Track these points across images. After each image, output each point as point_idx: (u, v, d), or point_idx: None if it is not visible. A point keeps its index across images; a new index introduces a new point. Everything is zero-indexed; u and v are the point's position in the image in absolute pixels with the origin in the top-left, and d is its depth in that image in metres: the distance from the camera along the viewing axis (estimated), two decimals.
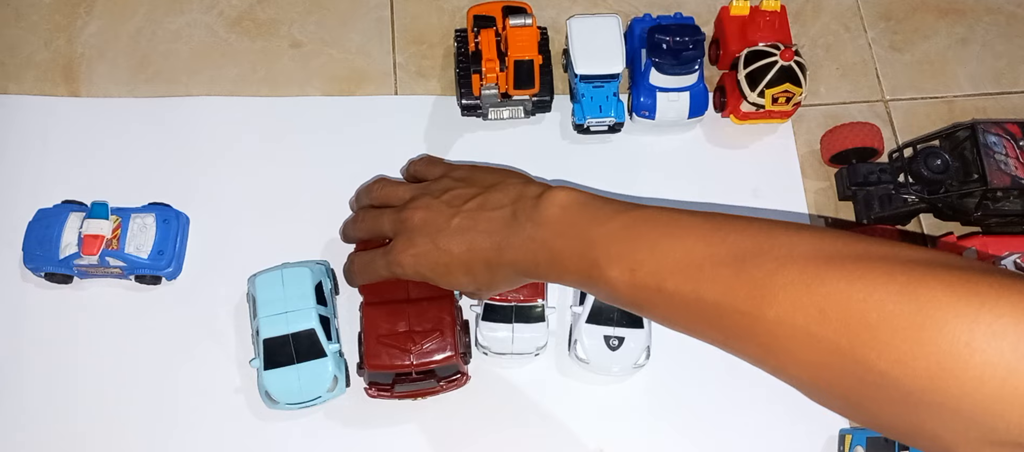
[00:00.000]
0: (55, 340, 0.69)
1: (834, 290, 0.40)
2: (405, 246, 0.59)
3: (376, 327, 0.63)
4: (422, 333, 0.63)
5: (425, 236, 0.59)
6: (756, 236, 0.46)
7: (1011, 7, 0.87)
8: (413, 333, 0.63)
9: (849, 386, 0.41)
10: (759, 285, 0.43)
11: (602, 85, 0.76)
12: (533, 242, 0.54)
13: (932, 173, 0.71)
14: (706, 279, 0.46)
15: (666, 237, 0.49)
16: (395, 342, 0.62)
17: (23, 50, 0.80)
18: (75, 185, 0.73)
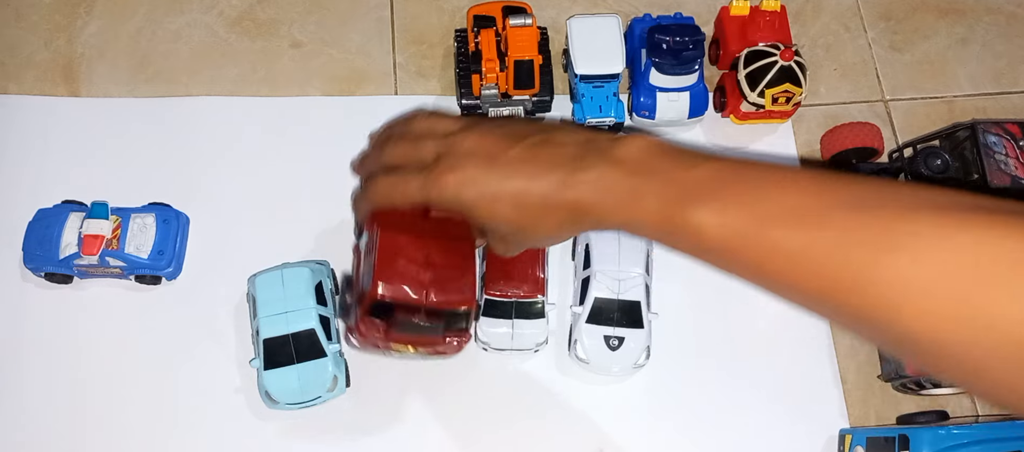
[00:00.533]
0: (55, 340, 0.69)
1: (967, 240, 0.37)
2: (449, 168, 0.52)
3: (393, 250, 0.54)
4: (444, 268, 0.55)
5: (476, 161, 0.51)
6: (871, 186, 0.42)
7: (1011, 7, 0.87)
8: (434, 266, 0.54)
9: (975, 342, 0.37)
10: (883, 231, 0.39)
11: (602, 85, 0.76)
12: (603, 180, 0.48)
13: (932, 173, 0.71)
14: (816, 225, 0.41)
15: (768, 181, 0.44)
16: (411, 272, 0.54)
17: (23, 50, 0.80)
18: (75, 185, 0.73)
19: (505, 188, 0.51)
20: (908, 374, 0.68)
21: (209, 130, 0.77)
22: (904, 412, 0.68)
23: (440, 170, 0.52)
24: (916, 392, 0.70)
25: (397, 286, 0.54)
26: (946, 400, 0.71)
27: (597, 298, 0.68)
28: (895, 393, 0.71)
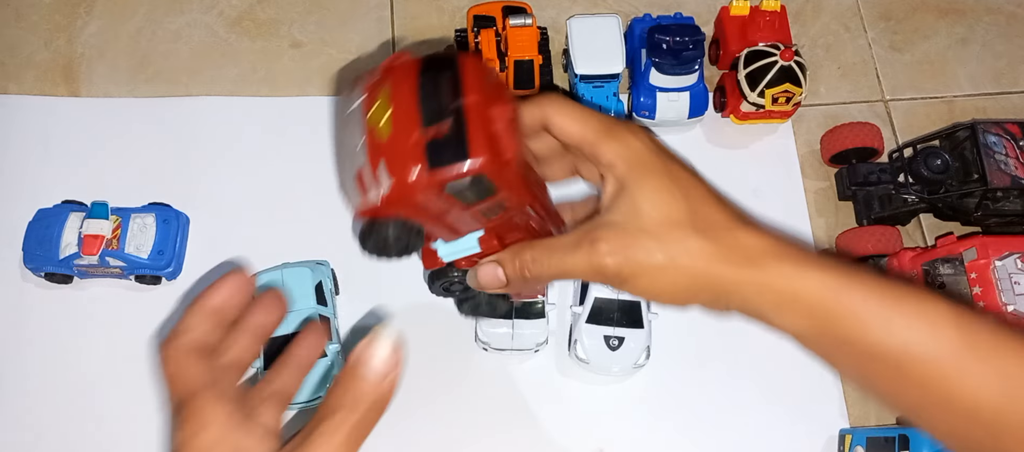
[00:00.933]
0: (55, 340, 0.69)
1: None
2: (622, 245, 0.42)
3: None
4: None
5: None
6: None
7: (1011, 7, 0.87)
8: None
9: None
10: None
11: (602, 85, 0.75)
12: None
13: (932, 173, 0.71)
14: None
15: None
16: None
17: (23, 50, 0.80)
18: (75, 185, 0.73)
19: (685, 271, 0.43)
20: None
21: (209, 130, 0.77)
22: None
23: (611, 246, 0.43)
24: None
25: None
26: None
27: (597, 298, 0.68)
28: None
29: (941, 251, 0.67)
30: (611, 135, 0.42)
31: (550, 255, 0.43)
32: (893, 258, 0.71)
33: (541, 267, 0.43)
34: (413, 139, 0.37)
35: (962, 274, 0.66)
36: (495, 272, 0.45)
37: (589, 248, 0.41)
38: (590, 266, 0.42)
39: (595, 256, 0.41)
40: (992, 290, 0.63)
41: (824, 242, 0.76)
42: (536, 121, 0.44)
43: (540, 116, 0.44)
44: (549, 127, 0.44)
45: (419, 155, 0.37)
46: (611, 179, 0.43)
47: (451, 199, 0.39)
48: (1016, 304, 0.63)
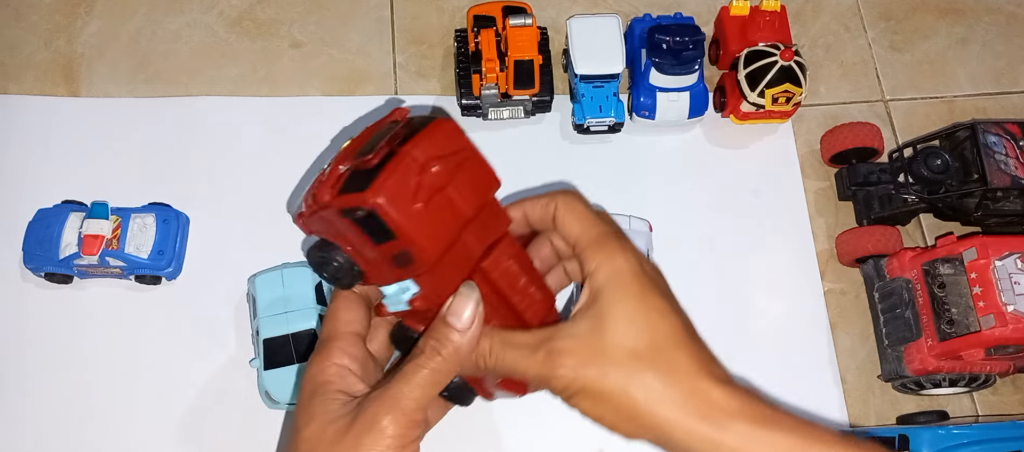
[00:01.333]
0: (55, 340, 0.69)
1: None
2: (578, 362, 0.41)
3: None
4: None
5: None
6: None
7: (1011, 7, 0.87)
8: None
9: None
10: None
11: (602, 85, 0.75)
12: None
13: (932, 173, 0.71)
14: None
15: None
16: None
17: (23, 50, 0.80)
18: (75, 185, 0.73)
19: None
20: (908, 374, 0.68)
21: (209, 130, 0.77)
22: (904, 412, 0.68)
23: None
24: (916, 392, 0.70)
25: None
26: (946, 400, 0.71)
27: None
28: (895, 393, 0.71)
29: (941, 251, 0.67)
30: (601, 246, 0.42)
31: (505, 350, 0.42)
32: (893, 258, 0.71)
33: (495, 360, 0.43)
34: (342, 166, 0.40)
35: (962, 274, 0.66)
36: (457, 338, 0.43)
37: (545, 356, 0.41)
38: (541, 375, 0.41)
39: (549, 366, 0.41)
40: (992, 290, 0.63)
41: (824, 242, 0.76)
42: (547, 214, 0.45)
43: (551, 209, 0.45)
44: (556, 222, 0.45)
45: (336, 180, 0.40)
46: (588, 289, 0.42)
47: (359, 231, 0.40)
48: (1016, 304, 0.63)
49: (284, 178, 0.75)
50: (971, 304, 0.65)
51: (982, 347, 0.64)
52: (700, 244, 0.75)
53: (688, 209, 0.76)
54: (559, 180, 0.76)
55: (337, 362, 0.43)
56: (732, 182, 0.78)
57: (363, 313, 0.45)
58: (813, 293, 0.74)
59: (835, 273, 0.75)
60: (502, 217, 0.44)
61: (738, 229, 0.76)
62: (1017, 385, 0.72)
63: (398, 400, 0.40)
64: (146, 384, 0.68)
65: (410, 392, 0.40)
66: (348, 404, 0.41)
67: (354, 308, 0.45)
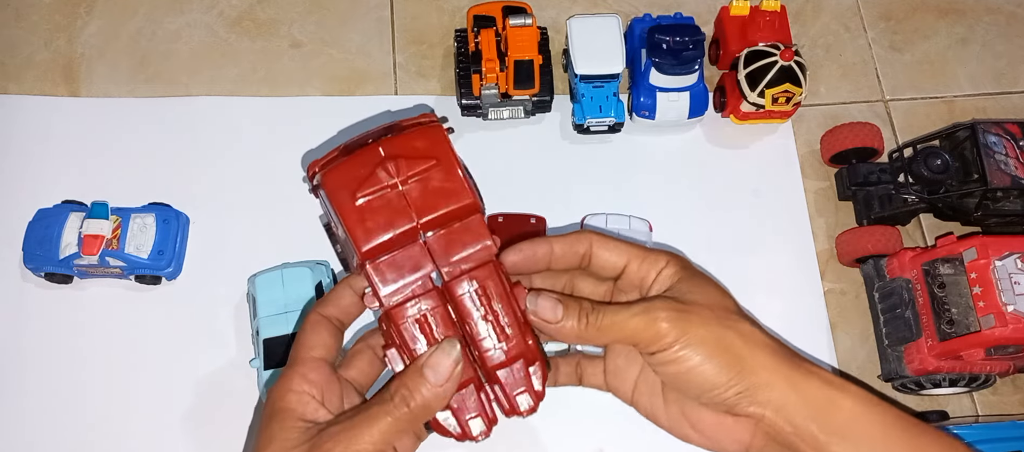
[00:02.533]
0: (55, 340, 0.69)
1: None
2: (678, 313, 0.44)
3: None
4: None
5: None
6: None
7: (1011, 7, 0.87)
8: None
9: None
10: None
11: (602, 85, 0.76)
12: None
13: (932, 173, 0.71)
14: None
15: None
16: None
17: (23, 50, 0.80)
18: (75, 185, 0.73)
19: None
20: (908, 374, 0.68)
21: (209, 130, 0.77)
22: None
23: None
24: (916, 392, 0.70)
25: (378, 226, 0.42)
26: (946, 400, 0.71)
27: None
28: (895, 393, 0.71)
29: (941, 251, 0.67)
30: (653, 254, 0.45)
31: (606, 308, 0.43)
32: (893, 258, 0.71)
33: (597, 316, 0.43)
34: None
35: (962, 274, 0.66)
36: (553, 305, 0.43)
37: (645, 306, 0.42)
38: (643, 321, 0.42)
39: (650, 312, 0.42)
40: (992, 290, 0.63)
41: (824, 242, 0.76)
42: (578, 252, 0.46)
43: (585, 246, 0.46)
44: (592, 258, 0.46)
45: (328, 155, 0.44)
46: (660, 280, 0.45)
47: (329, 209, 0.43)
48: (1016, 304, 0.63)
49: (284, 178, 0.75)
50: (971, 304, 0.65)
51: (982, 347, 0.64)
52: (700, 244, 0.75)
53: (688, 209, 0.76)
54: (559, 180, 0.76)
55: (296, 389, 0.42)
56: (732, 182, 0.78)
57: (329, 338, 0.44)
58: (813, 293, 0.74)
59: (835, 273, 0.75)
60: (479, 238, 0.43)
61: (738, 229, 0.76)
62: (1017, 385, 0.72)
63: (355, 441, 0.40)
64: (146, 384, 0.68)
65: (370, 436, 0.40)
66: (308, 431, 0.41)
67: (320, 332, 0.44)
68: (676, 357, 0.42)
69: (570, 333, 0.43)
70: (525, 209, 0.72)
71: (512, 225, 0.72)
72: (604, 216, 0.72)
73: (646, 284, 0.45)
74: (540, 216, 0.72)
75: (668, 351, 0.42)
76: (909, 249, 0.70)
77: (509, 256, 0.45)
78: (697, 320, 0.42)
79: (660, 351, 0.42)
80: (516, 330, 0.43)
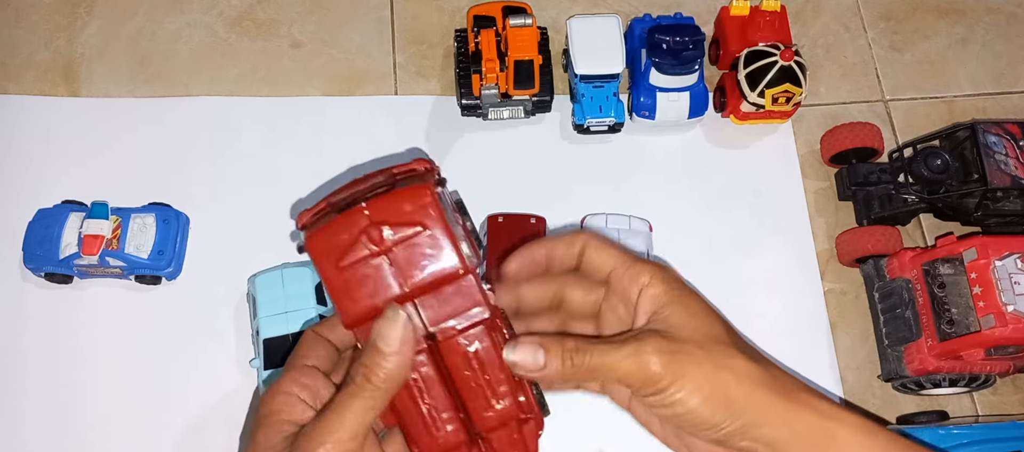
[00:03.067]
0: (55, 340, 0.69)
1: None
2: (669, 351, 0.42)
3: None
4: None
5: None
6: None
7: (1011, 7, 0.87)
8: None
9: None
10: None
11: (602, 85, 0.75)
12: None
13: (932, 173, 0.71)
14: None
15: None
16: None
17: (23, 50, 0.80)
18: (75, 185, 0.73)
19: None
20: (908, 374, 0.68)
21: (209, 130, 0.77)
22: (904, 412, 0.68)
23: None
24: (916, 392, 0.70)
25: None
26: (946, 400, 0.71)
27: None
28: (895, 393, 0.71)
29: (941, 251, 0.67)
30: (641, 266, 0.43)
31: (593, 347, 0.41)
32: (893, 258, 0.71)
33: (583, 357, 0.40)
34: (334, 198, 0.42)
35: (962, 274, 0.66)
36: (535, 351, 0.41)
37: (635, 346, 0.40)
38: (635, 364, 0.40)
39: (640, 354, 0.40)
40: (992, 290, 0.63)
41: (824, 242, 0.76)
42: (573, 252, 0.45)
43: (580, 245, 0.45)
44: (584, 259, 0.45)
45: (316, 208, 0.41)
46: (647, 298, 0.42)
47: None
48: (1016, 304, 0.63)
49: (284, 178, 0.75)
50: (971, 304, 0.65)
51: (982, 347, 0.64)
52: (700, 244, 0.75)
53: (688, 209, 0.76)
54: (559, 180, 0.76)
55: (285, 390, 0.41)
56: (732, 182, 0.78)
57: (325, 353, 0.44)
58: (813, 293, 0.74)
59: (835, 273, 0.75)
60: (472, 304, 0.41)
61: (738, 229, 0.76)
62: (1017, 385, 0.72)
63: (330, 431, 0.39)
64: (146, 384, 0.68)
65: (342, 422, 0.39)
66: (291, 436, 0.40)
67: (318, 347, 0.44)
68: (671, 401, 0.40)
69: (556, 376, 0.41)
70: (525, 209, 0.72)
71: (512, 225, 0.71)
72: (604, 216, 0.72)
73: (630, 299, 0.43)
74: (540, 216, 0.72)
75: (662, 395, 0.40)
76: (909, 249, 0.70)
77: (510, 265, 0.44)
78: (690, 362, 0.40)
79: (653, 394, 0.40)
80: (509, 388, 0.42)
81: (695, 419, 0.40)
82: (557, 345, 0.41)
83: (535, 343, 0.41)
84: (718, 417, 0.40)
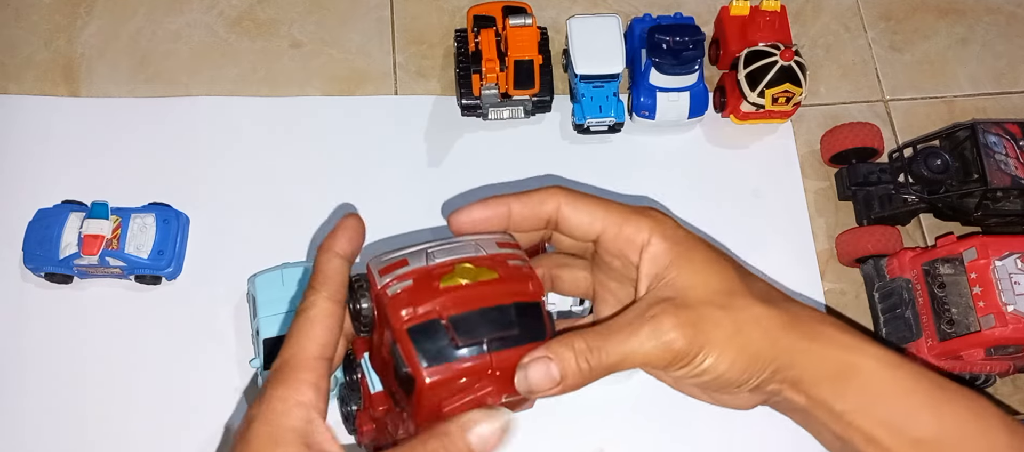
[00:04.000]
0: (55, 340, 0.69)
1: None
2: (687, 320, 0.38)
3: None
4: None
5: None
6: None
7: (1011, 7, 0.87)
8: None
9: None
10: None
11: (602, 85, 0.75)
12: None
13: (932, 173, 0.71)
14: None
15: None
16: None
17: (23, 50, 0.80)
18: (75, 185, 0.73)
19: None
20: None
21: (209, 130, 0.77)
22: None
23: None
24: None
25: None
26: None
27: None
28: None
29: (941, 251, 0.67)
30: (639, 214, 0.39)
31: (607, 340, 0.37)
32: (893, 258, 0.71)
33: (600, 355, 0.37)
34: (437, 299, 0.37)
35: (962, 274, 0.66)
36: (547, 368, 0.36)
37: (652, 327, 0.37)
38: (657, 347, 0.37)
39: (660, 334, 0.36)
40: (992, 290, 0.63)
41: (824, 242, 0.76)
42: (543, 214, 0.40)
43: (552, 206, 0.40)
44: (561, 221, 0.40)
45: (414, 313, 0.36)
46: (648, 259, 0.39)
47: (390, 357, 0.37)
48: (1016, 304, 0.63)
49: (284, 178, 0.75)
50: (971, 304, 0.65)
51: (982, 347, 0.64)
52: None
53: (688, 209, 0.76)
54: (559, 180, 0.76)
55: (304, 400, 0.35)
56: (732, 182, 0.78)
57: (337, 334, 0.37)
58: (813, 293, 0.74)
59: (835, 273, 0.75)
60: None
61: (738, 229, 0.76)
62: (1017, 385, 0.72)
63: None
64: (146, 384, 0.68)
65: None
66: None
67: (331, 326, 0.37)
68: (699, 371, 0.38)
69: (577, 384, 0.37)
70: None
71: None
72: None
73: (630, 261, 0.39)
74: None
75: (688, 368, 0.38)
76: (909, 249, 0.70)
77: (459, 222, 0.39)
78: (712, 326, 0.37)
79: (680, 369, 0.38)
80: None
81: (724, 381, 0.38)
82: (567, 351, 0.36)
83: (544, 359, 0.36)
84: (747, 374, 0.38)
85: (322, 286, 0.37)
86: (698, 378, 0.38)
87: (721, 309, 0.38)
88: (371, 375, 0.39)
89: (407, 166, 0.76)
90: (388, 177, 0.76)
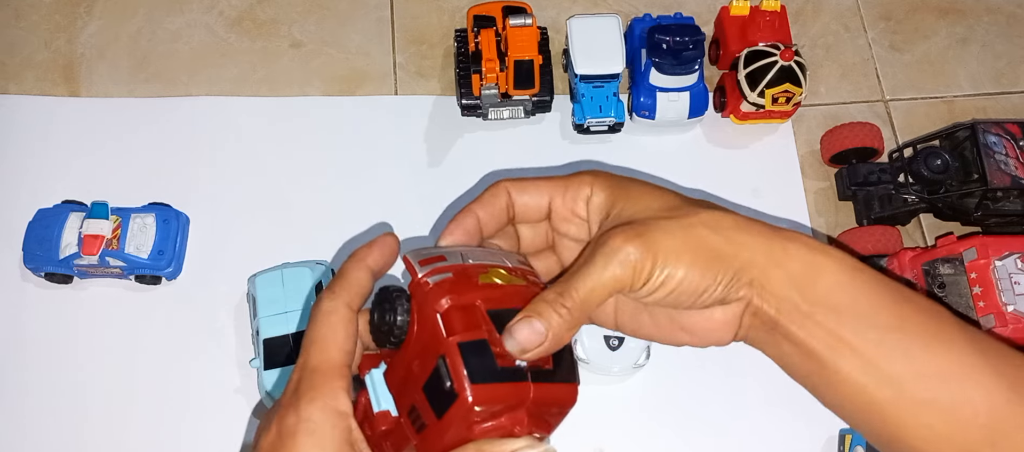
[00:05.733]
0: (55, 340, 0.69)
1: None
2: (636, 234, 0.39)
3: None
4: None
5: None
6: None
7: (1011, 7, 0.87)
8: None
9: None
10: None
11: (602, 85, 0.76)
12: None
13: (932, 173, 0.71)
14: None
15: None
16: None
17: (23, 50, 0.80)
18: (75, 185, 0.73)
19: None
20: None
21: (209, 130, 0.77)
22: None
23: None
24: None
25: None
26: None
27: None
28: None
29: (941, 251, 0.67)
30: (579, 174, 0.41)
31: (572, 280, 0.37)
32: (893, 258, 0.71)
33: (571, 296, 0.37)
34: (481, 326, 0.37)
35: (962, 274, 0.66)
36: (531, 326, 0.36)
37: (606, 251, 0.37)
38: (616, 265, 0.37)
39: (614, 252, 0.37)
40: (992, 290, 0.63)
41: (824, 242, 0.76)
42: (501, 207, 0.41)
43: (504, 198, 0.41)
44: (516, 206, 0.41)
45: (470, 334, 0.36)
46: (594, 208, 0.41)
47: (425, 373, 0.37)
48: (1016, 304, 0.63)
49: (284, 178, 0.75)
50: (971, 304, 0.65)
51: None
52: None
53: None
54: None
55: (342, 408, 0.35)
56: (732, 182, 0.78)
57: (355, 335, 0.38)
58: None
59: None
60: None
61: None
62: None
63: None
64: (146, 384, 0.68)
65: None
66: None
67: (353, 334, 0.37)
68: (660, 282, 0.38)
69: (562, 333, 0.37)
70: None
71: None
72: None
73: (581, 218, 0.41)
74: None
75: (650, 281, 0.38)
76: (909, 249, 0.70)
77: (443, 240, 0.40)
78: (660, 232, 0.37)
79: (643, 285, 0.38)
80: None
81: (688, 288, 0.38)
82: (543, 305, 0.37)
83: (526, 319, 0.36)
84: (709, 276, 0.38)
85: (343, 291, 0.38)
86: (661, 291, 0.38)
87: (668, 219, 0.38)
88: (376, 392, 0.39)
89: (407, 166, 0.76)
90: (388, 177, 0.76)
